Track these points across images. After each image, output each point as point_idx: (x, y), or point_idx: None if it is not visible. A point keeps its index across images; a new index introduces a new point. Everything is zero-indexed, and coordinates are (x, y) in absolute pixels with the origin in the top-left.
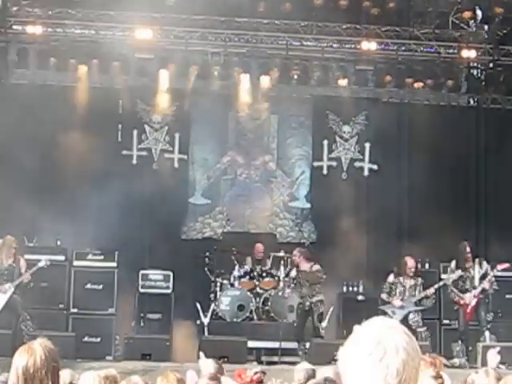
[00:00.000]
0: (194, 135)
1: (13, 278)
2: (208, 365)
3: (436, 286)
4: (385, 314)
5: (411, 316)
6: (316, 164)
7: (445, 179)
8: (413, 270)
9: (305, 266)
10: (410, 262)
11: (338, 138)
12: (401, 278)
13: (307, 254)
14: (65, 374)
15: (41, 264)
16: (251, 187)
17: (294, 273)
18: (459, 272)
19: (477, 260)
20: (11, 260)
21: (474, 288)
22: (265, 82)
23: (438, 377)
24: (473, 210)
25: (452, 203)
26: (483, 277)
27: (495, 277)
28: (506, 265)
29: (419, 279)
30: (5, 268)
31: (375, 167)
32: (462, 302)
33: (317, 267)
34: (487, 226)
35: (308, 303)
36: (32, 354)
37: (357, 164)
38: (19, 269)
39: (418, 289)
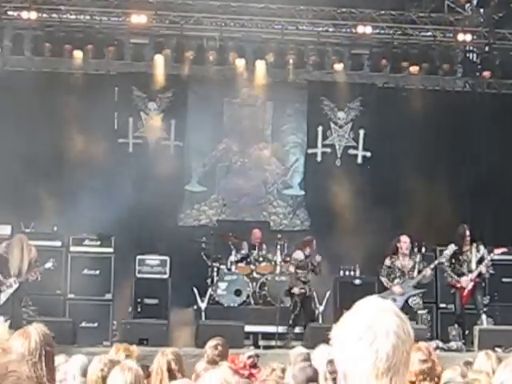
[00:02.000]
0: (189, 122)
1: (20, 272)
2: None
3: (432, 265)
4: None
5: (412, 298)
6: (310, 151)
7: (440, 164)
8: (407, 245)
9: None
10: (405, 238)
11: (332, 125)
12: (397, 261)
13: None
14: (60, 359)
15: (47, 266)
16: (245, 175)
17: (301, 255)
18: (452, 247)
19: (474, 244)
20: (20, 256)
21: (471, 272)
22: (260, 66)
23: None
24: (469, 194)
25: (448, 188)
26: (480, 261)
27: (492, 261)
28: (503, 249)
29: (418, 256)
30: (17, 265)
31: (369, 154)
32: (458, 285)
33: (319, 258)
34: (484, 210)
35: (309, 288)
36: (27, 337)
37: (351, 151)
38: (30, 260)
39: (416, 269)
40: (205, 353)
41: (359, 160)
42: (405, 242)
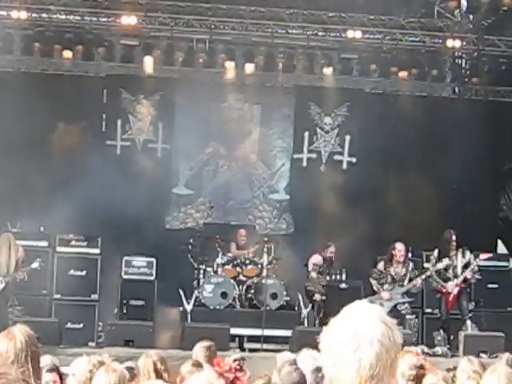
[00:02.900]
0: (177, 125)
1: (7, 272)
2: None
3: (423, 276)
4: (370, 302)
5: (400, 305)
6: (296, 156)
7: (427, 170)
8: (403, 253)
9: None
10: (400, 246)
11: (318, 130)
12: (391, 268)
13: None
14: (45, 360)
15: (34, 266)
16: (232, 179)
17: (321, 259)
18: (447, 261)
19: (460, 249)
20: (8, 255)
21: (456, 277)
22: (249, 70)
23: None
24: (456, 200)
25: (434, 194)
26: (466, 266)
27: (478, 266)
28: (489, 255)
29: (410, 264)
30: (5, 264)
31: (354, 160)
32: (444, 290)
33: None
34: (471, 215)
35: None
36: (12, 338)
37: (336, 157)
38: (17, 260)
39: (408, 277)
40: (193, 355)
41: (344, 166)
42: (400, 249)
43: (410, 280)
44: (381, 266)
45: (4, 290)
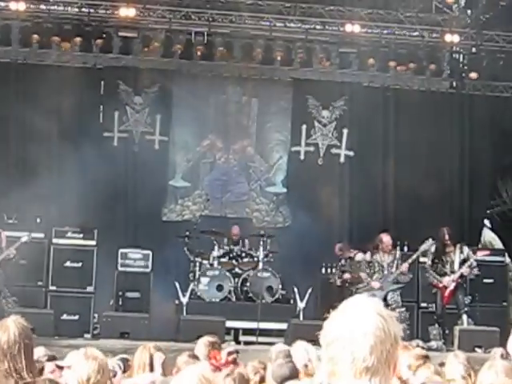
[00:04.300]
0: (175, 117)
1: None
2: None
3: (410, 260)
4: (361, 293)
5: (390, 295)
6: (294, 149)
7: (424, 164)
8: (389, 245)
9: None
10: (386, 237)
11: (316, 123)
12: (377, 255)
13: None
14: (39, 351)
15: (23, 239)
16: (229, 172)
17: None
18: (430, 242)
19: (458, 245)
20: None
21: (453, 272)
22: (247, 63)
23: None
24: (453, 195)
25: (432, 187)
26: (463, 262)
27: (476, 262)
28: (486, 251)
29: (397, 253)
30: None
31: (351, 154)
32: (440, 285)
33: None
34: (468, 211)
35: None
36: (5, 331)
37: (333, 150)
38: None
39: (395, 264)
40: (196, 348)
41: (342, 159)
42: (386, 240)
43: (397, 267)
44: (368, 256)
45: None
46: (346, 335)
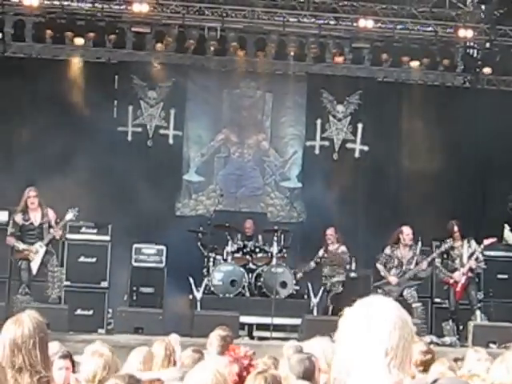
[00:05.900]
0: (189, 111)
1: (42, 235)
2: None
3: (429, 258)
4: (378, 288)
5: (407, 291)
6: (308, 144)
7: (438, 159)
8: (410, 237)
9: (333, 246)
10: (407, 230)
11: (331, 118)
12: (397, 251)
13: (338, 236)
14: (53, 346)
15: (68, 217)
16: (244, 166)
17: (321, 252)
18: (449, 243)
19: (466, 239)
20: (39, 216)
21: (463, 267)
22: (261, 58)
23: (428, 352)
24: (466, 189)
25: (445, 182)
26: (471, 255)
27: (485, 256)
28: (493, 240)
29: (418, 248)
30: (35, 227)
31: (366, 148)
32: (451, 281)
33: (343, 249)
34: (481, 205)
35: (329, 283)
36: (20, 325)
37: (348, 145)
38: (49, 222)
39: (414, 260)
40: (208, 341)
41: (357, 154)
42: (407, 233)
43: (417, 264)
44: (388, 250)
45: (45, 255)
46: (365, 322)
